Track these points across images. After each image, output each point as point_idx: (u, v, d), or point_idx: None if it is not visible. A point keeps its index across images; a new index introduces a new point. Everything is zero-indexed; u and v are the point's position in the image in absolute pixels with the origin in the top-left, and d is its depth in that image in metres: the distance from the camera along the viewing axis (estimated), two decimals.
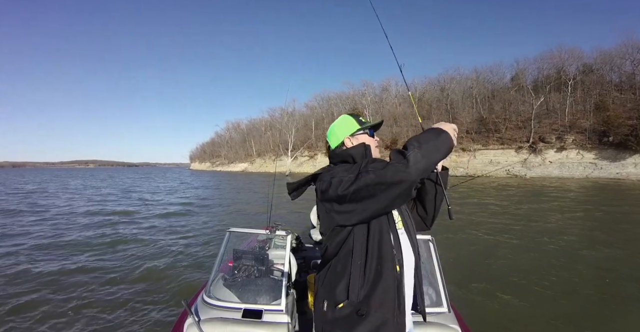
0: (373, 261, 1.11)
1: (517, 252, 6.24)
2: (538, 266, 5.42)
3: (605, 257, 5.92)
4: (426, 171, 1.01)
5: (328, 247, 1.20)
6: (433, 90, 53.33)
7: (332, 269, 1.16)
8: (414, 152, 1.00)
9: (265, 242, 3.14)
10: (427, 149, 1.01)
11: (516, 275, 4.96)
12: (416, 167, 0.98)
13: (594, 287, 4.47)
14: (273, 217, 3.52)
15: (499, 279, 4.83)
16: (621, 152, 31.86)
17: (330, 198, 1.13)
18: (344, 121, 1.36)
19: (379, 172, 1.02)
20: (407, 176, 0.98)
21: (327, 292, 1.15)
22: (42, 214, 11.66)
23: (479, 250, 6.45)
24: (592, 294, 4.24)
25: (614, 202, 13.89)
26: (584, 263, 5.58)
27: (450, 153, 1.12)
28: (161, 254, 6.45)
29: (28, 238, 7.72)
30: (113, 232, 8.62)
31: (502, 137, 41.27)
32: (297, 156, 61.73)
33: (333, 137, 1.35)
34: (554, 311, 3.76)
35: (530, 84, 44.18)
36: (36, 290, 4.52)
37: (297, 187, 1.29)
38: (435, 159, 1.03)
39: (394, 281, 1.11)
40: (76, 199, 16.92)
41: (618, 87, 38.41)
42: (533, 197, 16.45)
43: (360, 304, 1.08)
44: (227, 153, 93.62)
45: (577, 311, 3.79)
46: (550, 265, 5.43)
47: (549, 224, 9.03)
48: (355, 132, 1.32)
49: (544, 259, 5.76)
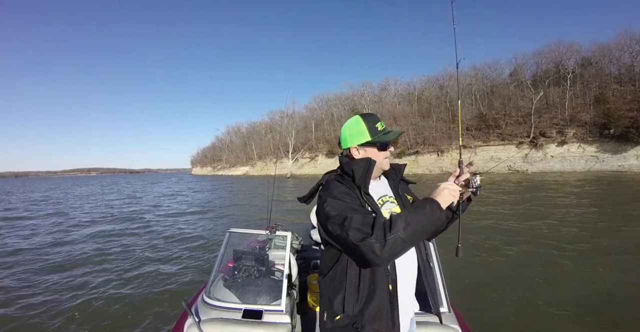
0: (365, 283, 1.14)
1: (520, 253, 6.21)
2: (538, 263, 5.40)
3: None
4: (401, 253, 1.04)
5: (325, 254, 1.25)
6: (432, 89, 53.30)
7: (330, 281, 1.20)
8: (396, 236, 0.97)
9: (266, 242, 3.13)
10: (411, 233, 0.99)
11: (516, 275, 4.94)
12: (391, 252, 0.98)
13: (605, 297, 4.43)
14: (273, 218, 3.52)
15: (500, 278, 4.81)
16: (622, 144, 31.72)
17: (320, 221, 1.18)
18: (355, 127, 1.26)
19: (355, 242, 1.01)
20: (376, 260, 0.99)
21: (326, 304, 1.20)
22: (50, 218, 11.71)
23: (480, 250, 6.43)
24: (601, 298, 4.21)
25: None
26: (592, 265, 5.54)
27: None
28: (161, 254, 6.48)
29: (31, 238, 7.75)
30: (113, 232, 8.68)
31: (502, 133, 41.17)
32: (298, 158, 61.74)
33: (343, 139, 1.31)
34: (554, 312, 3.74)
35: (529, 79, 44.12)
36: (34, 289, 4.54)
37: (310, 196, 1.31)
38: (417, 241, 1.07)
39: (387, 298, 1.14)
40: (83, 205, 17.00)
41: (617, 80, 38.27)
42: (537, 192, 16.38)
43: (356, 318, 1.12)
44: (228, 157, 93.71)
45: (581, 311, 3.76)
46: (553, 266, 5.41)
47: (551, 221, 8.99)
48: (363, 143, 1.25)
49: (546, 257, 5.73)
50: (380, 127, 1.26)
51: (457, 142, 43.02)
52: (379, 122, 1.27)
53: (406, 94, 57.54)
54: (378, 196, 1.27)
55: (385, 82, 60.77)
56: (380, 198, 1.28)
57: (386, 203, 1.28)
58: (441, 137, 44.41)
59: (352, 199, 1.15)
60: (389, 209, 1.26)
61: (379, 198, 1.27)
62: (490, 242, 6.70)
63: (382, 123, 1.28)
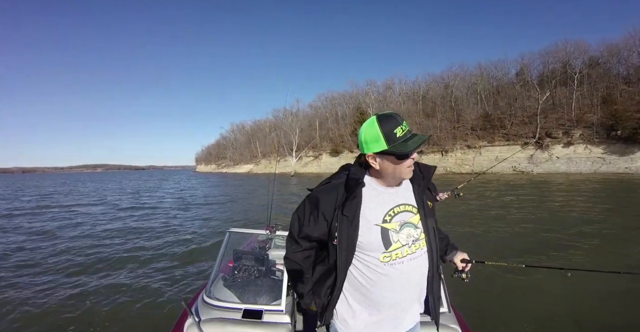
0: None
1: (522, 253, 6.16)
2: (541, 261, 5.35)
3: None
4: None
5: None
6: (437, 88, 52.96)
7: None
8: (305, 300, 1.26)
9: (266, 242, 3.14)
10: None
11: (518, 275, 4.90)
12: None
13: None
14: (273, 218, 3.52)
15: (500, 279, 4.78)
16: (630, 146, 31.29)
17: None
18: (370, 132, 1.11)
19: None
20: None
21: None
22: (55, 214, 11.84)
23: (482, 250, 6.40)
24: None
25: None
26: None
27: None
28: (161, 254, 6.50)
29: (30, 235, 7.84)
30: (113, 232, 8.75)
31: (507, 133, 40.80)
32: (302, 156, 61.75)
33: (359, 143, 1.18)
34: (556, 310, 3.71)
35: (536, 79, 43.63)
36: (29, 287, 4.60)
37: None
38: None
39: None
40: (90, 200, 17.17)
41: (625, 80, 37.73)
42: (543, 196, 16.23)
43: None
44: (232, 155, 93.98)
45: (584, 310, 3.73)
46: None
47: (550, 216, 8.90)
48: (379, 152, 1.12)
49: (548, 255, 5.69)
50: (400, 132, 1.08)
51: (462, 141, 42.80)
52: (398, 127, 1.08)
53: (411, 93, 57.23)
54: (394, 205, 1.18)
55: (389, 80, 60.52)
56: (393, 209, 1.18)
57: (400, 214, 1.18)
58: (445, 137, 44.15)
59: (312, 224, 1.19)
60: (402, 221, 1.17)
61: (392, 208, 1.18)
62: (490, 241, 6.66)
63: (403, 127, 1.09)
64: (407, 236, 1.16)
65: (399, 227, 1.16)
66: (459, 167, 41.36)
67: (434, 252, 1.24)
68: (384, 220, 1.15)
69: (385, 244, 1.14)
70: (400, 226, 1.16)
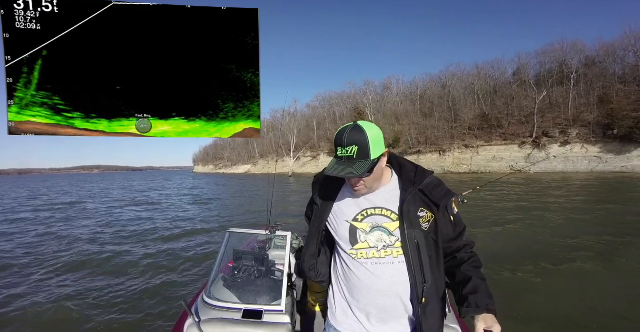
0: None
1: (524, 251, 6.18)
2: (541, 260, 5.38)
3: None
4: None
5: None
6: (435, 88, 53.10)
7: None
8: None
9: (266, 242, 3.13)
10: None
11: (523, 275, 4.92)
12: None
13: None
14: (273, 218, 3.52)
15: (504, 278, 4.79)
16: (626, 145, 31.55)
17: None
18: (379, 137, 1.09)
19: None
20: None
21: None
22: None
23: (484, 249, 6.42)
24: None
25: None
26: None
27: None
28: (161, 254, 6.49)
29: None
30: (113, 233, 8.73)
31: (505, 133, 40.98)
32: (300, 157, 61.74)
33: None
34: (556, 310, 3.72)
35: (533, 79, 43.86)
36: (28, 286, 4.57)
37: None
38: None
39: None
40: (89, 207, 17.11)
41: (622, 80, 37.99)
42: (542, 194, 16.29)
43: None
44: (230, 155, 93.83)
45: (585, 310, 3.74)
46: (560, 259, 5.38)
47: (552, 222, 8.95)
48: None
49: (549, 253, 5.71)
50: (340, 151, 1.06)
51: (459, 141, 42.94)
52: (339, 147, 1.06)
53: (408, 93, 57.37)
54: (370, 207, 1.17)
55: (387, 80, 60.66)
56: (367, 210, 1.17)
57: (373, 216, 1.16)
58: (443, 137, 44.29)
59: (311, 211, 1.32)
60: (374, 223, 1.16)
61: (366, 209, 1.17)
62: (491, 242, 6.68)
63: (345, 150, 1.04)
64: (377, 239, 1.15)
65: (369, 228, 1.16)
66: (457, 166, 41.51)
67: (416, 271, 1.11)
68: (355, 218, 1.19)
69: (352, 241, 1.18)
70: (371, 228, 1.16)
